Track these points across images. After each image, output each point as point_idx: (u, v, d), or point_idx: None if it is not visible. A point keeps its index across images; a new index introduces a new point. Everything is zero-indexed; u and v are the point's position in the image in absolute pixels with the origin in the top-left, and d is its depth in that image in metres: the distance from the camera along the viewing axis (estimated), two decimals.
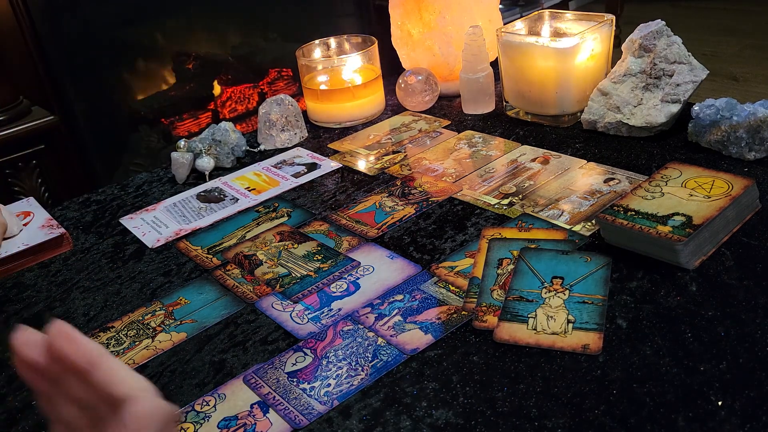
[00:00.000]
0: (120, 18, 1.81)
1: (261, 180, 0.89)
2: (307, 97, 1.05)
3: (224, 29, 2.09)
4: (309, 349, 0.58)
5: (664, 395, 0.48)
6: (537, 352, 0.53)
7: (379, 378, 0.53)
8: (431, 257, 0.67)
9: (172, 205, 0.86)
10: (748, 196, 0.64)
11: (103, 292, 0.70)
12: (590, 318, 0.55)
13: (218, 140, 0.93)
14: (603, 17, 0.90)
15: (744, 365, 0.49)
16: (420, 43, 1.05)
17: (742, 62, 3.07)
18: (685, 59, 0.83)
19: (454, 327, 0.57)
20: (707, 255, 0.61)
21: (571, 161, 0.81)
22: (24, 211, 0.85)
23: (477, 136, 0.93)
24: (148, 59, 1.95)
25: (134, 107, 1.94)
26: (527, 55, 0.90)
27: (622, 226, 0.61)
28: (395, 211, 0.77)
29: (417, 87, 1.02)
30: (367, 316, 0.60)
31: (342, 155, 0.93)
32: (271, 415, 0.52)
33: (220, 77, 2.08)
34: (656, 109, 0.82)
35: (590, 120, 0.87)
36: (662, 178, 0.68)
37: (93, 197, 0.92)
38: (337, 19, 2.28)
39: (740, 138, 0.74)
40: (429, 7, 1.02)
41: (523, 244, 0.66)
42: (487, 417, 0.48)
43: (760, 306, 0.54)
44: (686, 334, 0.53)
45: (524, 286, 0.60)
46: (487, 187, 0.79)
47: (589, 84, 0.89)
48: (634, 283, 0.59)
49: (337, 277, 0.66)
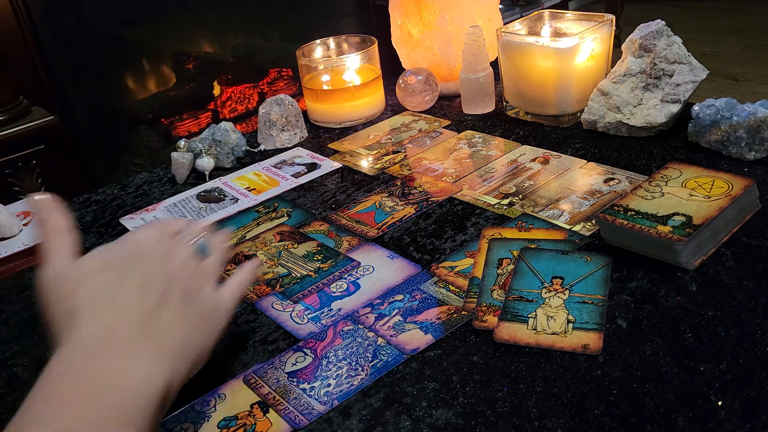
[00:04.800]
0: (120, 18, 1.81)
1: (261, 180, 0.90)
2: (307, 97, 1.05)
3: (224, 29, 2.09)
4: (309, 349, 0.58)
5: (664, 395, 0.48)
6: (537, 352, 0.53)
7: (379, 378, 0.53)
8: (431, 257, 0.67)
9: (172, 205, 0.86)
10: (748, 196, 0.64)
11: None
12: (590, 318, 0.55)
13: (218, 140, 0.93)
14: (603, 17, 0.90)
15: (744, 365, 0.49)
16: (420, 43, 1.05)
17: (742, 62, 3.07)
18: (685, 59, 0.83)
19: (454, 327, 0.57)
20: (707, 255, 0.61)
21: (571, 161, 0.81)
22: (24, 211, 0.85)
23: (477, 136, 0.93)
24: (148, 59, 1.95)
25: (134, 107, 1.94)
26: (527, 55, 0.90)
27: (622, 226, 0.61)
28: (395, 211, 0.77)
29: (417, 87, 1.02)
30: (367, 316, 0.60)
31: (342, 155, 0.93)
32: (271, 415, 0.52)
33: (220, 77, 2.08)
34: (656, 109, 0.82)
35: (590, 120, 0.87)
36: (662, 178, 0.68)
37: (93, 197, 0.92)
38: (337, 19, 2.28)
39: (740, 138, 0.74)
40: (429, 7, 1.02)
41: (523, 244, 0.66)
42: (487, 417, 0.48)
43: (760, 306, 0.54)
44: (686, 334, 0.53)
45: (524, 286, 0.60)
46: (487, 187, 0.79)
47: (589, 84, 0.89)
48: (634, 283, 0.59)
49: (337, 277, 0.66)
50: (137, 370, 0.42)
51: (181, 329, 0.47)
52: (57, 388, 0.39)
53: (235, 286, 0.55)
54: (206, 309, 0.50)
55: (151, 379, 0.42)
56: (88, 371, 0.41)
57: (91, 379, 0.40)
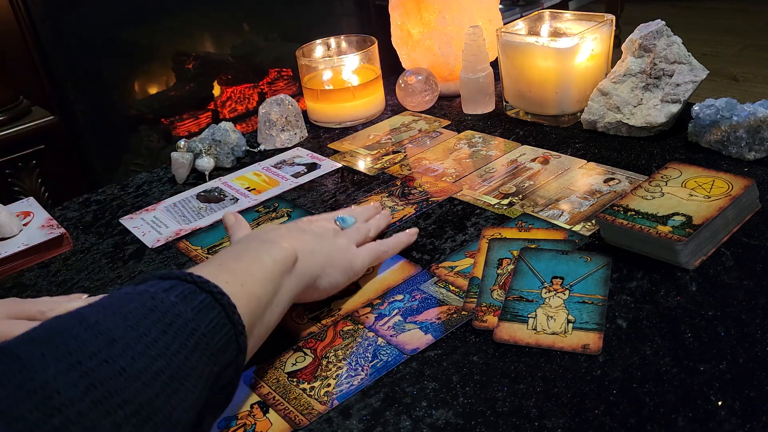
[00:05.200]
0: (120, 18, 1.81)
1: (261, 180, 0.90)
2: (307, 97, 1.05)
3: (224, 29, 2.09)
4: (309, 349, 0.58)
5: (664, 395, 0.48)
6: (537, 352, 0.53)
7: (379, 378, 0.53)
8: (431, 257, 0.67)
9: (172, 205, 0.86)
10: (748, 196, 0.65)
11: (103, 292, 0.70)
12: (590, 318, 0.55)
13: (218, 140, 0.93)
14: (603, 17, 0.90)
15: (744, 365, 0.49)
16: (420, 43, 1.05)
17: (742, 62, 3.07)
18: (685, 59, 0.83)
19: (454, 327, 0.57)
20: (707, 255, 0.61)
21: (571, 161, 0.81)
22: (24, 211, 0.85)
23: (477, 136, 0.93)
24: (148, 59, 1.95)
25: (134, 107, 1.94)
26: (527, 55, 0.90)
27: (622, 226, 0.61)
28: (395, 211, 0.77)
29: (417, 87, 1.02)
30: (367, 316, 0.60)
31: (342, 155, 0.93)
32: (271, 415, 0.52)
33: (220, 77, 2.08)
34: (656, 109, 0.82)
35: (590, 120, 0.87)
36: (662, 178, 0.68)
37: (93, 197, 0.92)
38: (337, 19, 2.28)
39: (740, 138, 0.74)
40: (429, 7, 1.02)
41: (523, 244, 0.66)
42: (487, 417, 0.48)
43: (760, 306, 0.54)
44: (686, 334, 0.53)
45: (524, 286, 0.60)
46: (487, 187, 0.79)
47: (589, 84, 0.89)
48: (634, 283, 0.59)
49: None
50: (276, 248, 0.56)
51: (309, 246, 0.59)
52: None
53: (373, 247, 0.65)
54: (336, 248, 0.62)
55: (283, 251, 0.56)
56: (249, 246, 0.56)
57: (249, 250, 0.55)
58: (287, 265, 0.55)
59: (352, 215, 0.69)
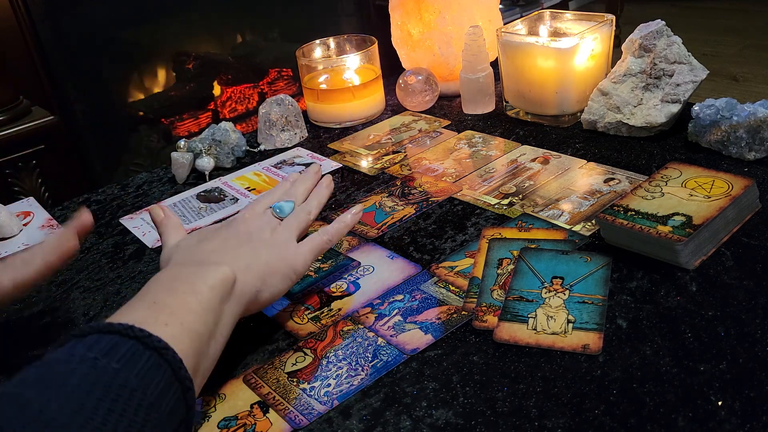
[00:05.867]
0: (120, 18, 1.81)
1: (261, 180, 0.90)
2: (307, 97, 1.05)
3: (224, 29, 2.09)
4: (309, 349, 0.58)
5: (664, 395, 0.48)
6: (537, 352, 0.53)
7: (379, 378, 0.53)
8: (431, 257, 0.67)
9: (172, 205, 0.86)
10: (748, 196, 0.64)
11: (103, 292, 0.70)
12: (590, 318, 0.55)
13: (218, 140, 0.93)
14: (603, 17, 0.90)
15: (744, 365, 0.49)
16: (420, 43, 1.05)
17: (742, 62, 3.07)
18: (685, 59, 0.83)
19: (454, 327, 0.57)
20: (707, 255, 0.61)
21: (571, 161, 0.81)
22: (24, 211, 0.85)
23: (477, 136, 0.93)
24: (148, 59, 1.96)
25: (134, 107, 1.94)
26: (527, 55, 0.90)
27: (622, 226, 0.61)
28: (395, 211, 0.77)
29: (417, 87, 1.02)
30: (367, 316, 0.60)
31: (342, 155, 0.93)
32: (271, 415, 0.52)
33: (220, 77, 2.08)
34: (656, 109, 0.82)
35: (590, 120, 0.87)
36: (662, 178, 0.68)
37: (93, 197, 0.92)
38: (337, 19, 2.28)
39: (740, 138, 0.74)
40: (429, 7, 1.02)
41: (523, 244, 0.66)
42: (487, 417, 0.48)
43: (760, 306, 0.54)
44: (686, 334, 0.53)
45: (524, 286, 0.60)
46: (487, 187, 0.79)
47: (589, 84, 0.89)
48: (634, 283, 0.59)
49: (337, 277, 0.66)
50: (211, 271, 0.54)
51: (245, 260, 0.57)
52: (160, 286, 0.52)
53: (315, 240, 0.62)
54: (275, 253, 0.59)
55: (219, 274, 0.53)
56: (180, 274, 0.54)
57: (182, 279, 0.53)
58: (226, 290, 0.53)
59: (290, 197, 0.66)
